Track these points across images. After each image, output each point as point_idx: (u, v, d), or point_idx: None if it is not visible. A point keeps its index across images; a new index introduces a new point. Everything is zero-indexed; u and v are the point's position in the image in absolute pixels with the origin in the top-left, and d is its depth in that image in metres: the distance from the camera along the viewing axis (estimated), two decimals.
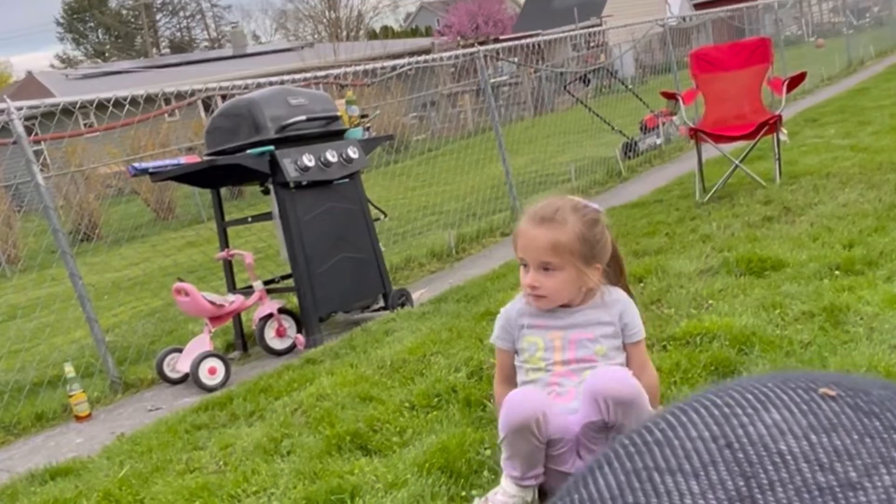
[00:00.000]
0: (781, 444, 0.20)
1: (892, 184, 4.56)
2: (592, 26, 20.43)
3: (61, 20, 54.62)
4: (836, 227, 3.96)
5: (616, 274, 2.28)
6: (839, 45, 14.47)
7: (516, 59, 8.93)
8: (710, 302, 3.34)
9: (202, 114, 15.33)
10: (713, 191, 5.32)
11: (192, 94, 5.44)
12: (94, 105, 4.65)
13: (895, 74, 11.00)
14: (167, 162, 4.44)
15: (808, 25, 18.42)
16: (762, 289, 3.34)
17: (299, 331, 4.33)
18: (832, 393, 0.22)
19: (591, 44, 15.39)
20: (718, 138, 5.47)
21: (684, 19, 12.72)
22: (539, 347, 2.21)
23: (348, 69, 6.07)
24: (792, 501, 0.19)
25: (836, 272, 3.34)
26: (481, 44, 8.80)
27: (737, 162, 5.37)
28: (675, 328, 3.10)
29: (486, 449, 2.46)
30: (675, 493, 0.20)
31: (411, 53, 9.01)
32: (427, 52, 16.49)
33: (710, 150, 5.66)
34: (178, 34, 57.01)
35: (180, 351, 4.16)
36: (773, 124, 5.25)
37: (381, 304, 4.58)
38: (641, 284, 3.75)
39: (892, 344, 2.58)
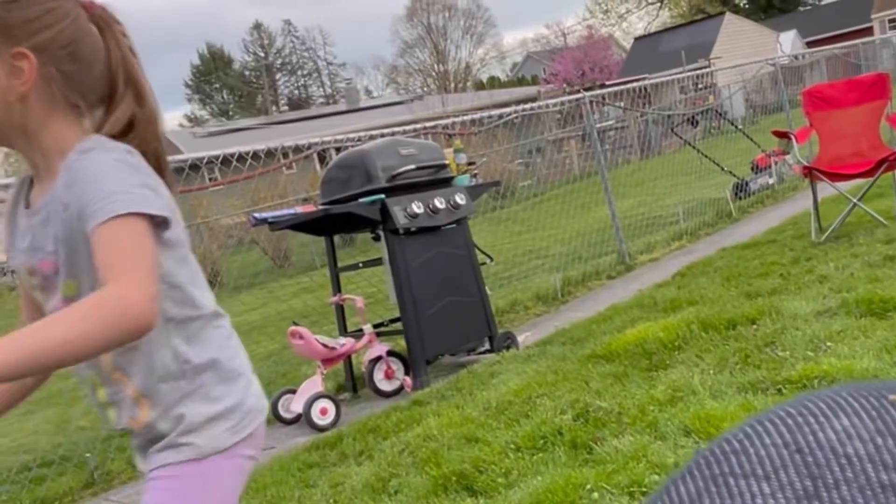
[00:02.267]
0: (849, 447, 0.22)
1: None
2: (701, 68, 20.15)
3: (189, 82, 58.15)
4: None
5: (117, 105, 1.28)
6: None
7: (622, 104, 8.92)
8: (829, 344, 3.21)
9: (317, 166, 15.94)
10: (830, 230, 5.13)
11: (309, 147, 5.70)
12: (220, 160, 4.94)
13: None
14: (285, 212, 4.65)
15: None
16: (885, 330, 3.19)
17: (407, 373, 4.41)
18: None
19: (700, 85, 15.18)
20: (835, 176, 5.29)
21: (797, 58, 12.40)
22: None
23: (456, 119, 6.22)
24: (855, 498, 0.20)
25: None
26: (587, 90, 8.84)
27: (855, 200, 5.17)
28: (790, 371, 3.00)
29: (592, 492, 2.44)
30: (747, 494, 0.21)
31: (517, 102, 9.14)
32: (533, 100, 16.61)
33: (826, 190, 5.48)
34: (296, 92, 59.63)
35: (294, 392, 4.31)
36: (894, 161, 5.04)
37: (487, 346, 4.62)
38: (755, 326, 3.65)
39: None
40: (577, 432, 2.92)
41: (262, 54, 57.77)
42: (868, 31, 31.54)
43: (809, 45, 29.70)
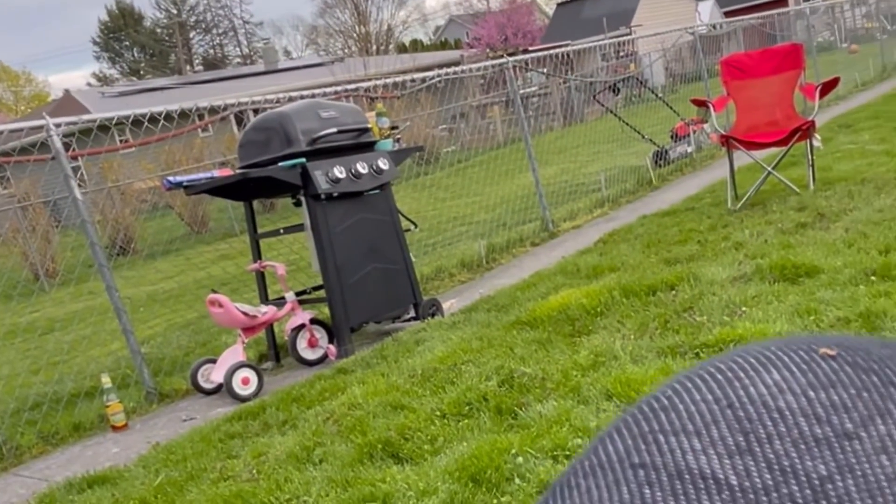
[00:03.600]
0: (780, 401, 0.21)
1: None
2: (622, 36, 20.38)
3: (97, 39, 55.71)
4: (872, 232, 3.90)
5: None
6: (873, 51, 14.28)
7: (545, 70, 8.93)
8: (744, 309, 3.31)
9: (235, 129, 15.52)
10: (745, 198, 5.27)
11: (225, 108, 5.51)
12: (130, 121, 4.73)
13: None
14: (201, 175, 4.50)
15: (841, 31, 18.21)
16: (797, 295, 3.30)
17: (331, 341, 4.36)
18: (832, 353, 0.23)
19: (621, 53, 15.36)
20: (750, 145, 5.42)
21: (714, 27, 12.64)
22: None
23: (378, 82, 6.12)
24: (788, 452, 0.20)
25: (873, 278, 3.29)
26: (510, 55, 8.82)
27: (769, 169, 5.32)
28: (707, 335, 3.07)
29: (516, 456, 2.45)
30: (677, 451, 0.21)
31: (441, 66, 9.06)
32: (456, 64, 16.51)
33: (743, 158, 5.62)
34: (212, 51, 57.84)
35: (214, 362, 4.21)
36: (806, 130, 5.20)
37: (412, 314, 4.60)
38: (673, 292, 3.73)
39: None
40: (501, 398, 2.94)
41: (175, 11, 55.71)
42: (783, 2, 32.39)
43: (727, 14, 30.33)
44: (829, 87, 5.56)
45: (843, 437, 0.20)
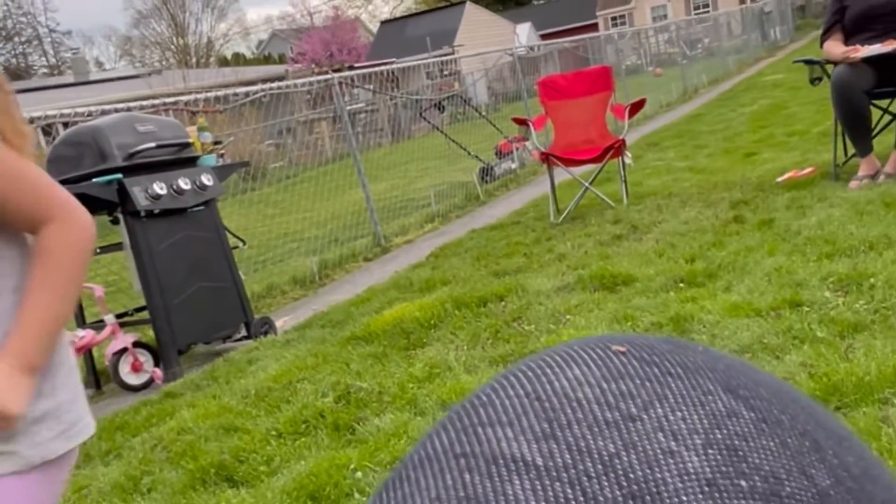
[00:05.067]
0: (579, 392, 0.25)
1: (727, 202, 4.91)
2: (445, 55, 20.89)
3: None
4: (679, 243, 4.22)
5: None
6: (675, 74, 15.44)
7: (372, 87, 9.00)
8: (568, 317, 3.48)
9: (42, 142, 14.49)
10: (566, 212, 5.54)
11: (32, 121, 5.14)
12: None
13: (726, 101, 11.86)
14: None
15: (647, 55, 19.59)
16: (615, 303, 3.51)
17: (157, 364, 4.16)
18: (623, 349, 0.27)
19: (445, 72, 15.74)
20: (568, 162, 5.72)
21: (532, 49, 13.24)
22: None
23: (199, 95, 5.93)
24: (584, 434, 0.23)
25: (681, 285, 3.55)
26: (336, 71, 8.82)
27: (587, 184, 5.63)
28: (535, 343, 3.20)
29: (355, 471, 2.45)
30: (493, 440, 0.24)
31: (264, 80, 8.91)
32: (281, 79, 16.29)
33: (562, 174, 5.91)
34: (14, 60, 53.75)
35: None
36: (618, 148, 5.54)
37: (244, 333, 4.48)
38: (503, 303, 3.86)
39: (732, 348, 2.77)
40: (339, 414, 2.92)
41: None
42: (595, 27, 34.49)
43: (543, 37, 31.86)
44: (636, 107, 5.97)
45: (629, 419, 0.24)
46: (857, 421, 2.11)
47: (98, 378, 4.31)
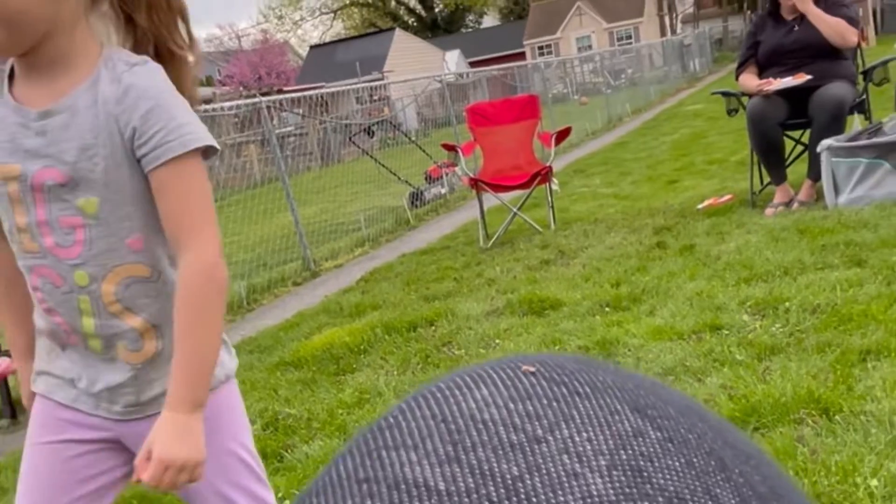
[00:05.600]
0: (486, 413, 0.24)
1: (650, 228, 5.05)
2: (374, 80, 20.96)
3: None
4: (605, 267, 4.32)
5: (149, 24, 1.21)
6: (600, 103, 15.82)
7: (301, 111, 8.97)
8: (497, 341, 3.51)
9: None
10: (495, 237, 5.61)
11: None
12: None
13: (649, 130, 12.21)
14: None
15: (573, 84, 20.04)
16: (543, 327, 3.57)
17: None
18: (532, 369, 0.26)
19: (375, 97, 15.79)
20: (497, 188, 5.80)
21: (461, 76, 13.41)
22: None
23: None
24: (489, 457, 0.23)
25: (607, 309, 3.63)
26: (264, 94, 8.77)
27: (515, 210, 5.71)
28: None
29: (283, 500, 2.42)
30: (396, 464, 0.24)
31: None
32: (208, 101, 16.08)
33: (491, 199, 5.98)
34: None
35: None
36: (545, 175, 5.65)
37: None
38: (433, 327, 3.87)
39: (656, 371, 2.85)
40: (266, 441, 2.88)
41: None
42: (522, 56, 35.11)
43: (472, 64, 32.28)
44: (562, 135, 6.11)
45: (534, 441, 0.24)
46: (774, 441, 2.19)
47: (14, 407, 4.14)
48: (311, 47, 39.26)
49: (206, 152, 1.21)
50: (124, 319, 1.23)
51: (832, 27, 4.55)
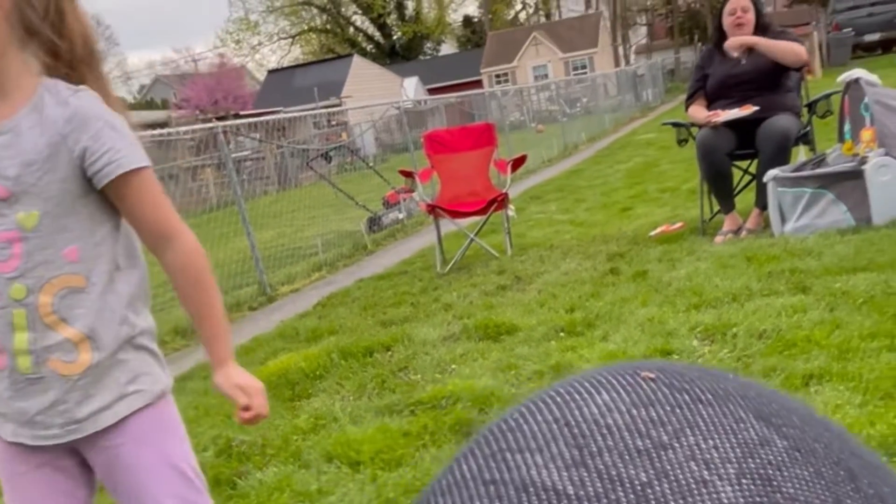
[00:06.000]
0: (609, 418, 0.25)
1: (604, 254, 5.13)
2: (332, 106, 20.99)
3: None
4: (560, 293, 4.37)
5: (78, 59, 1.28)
6: (556, 131, 16.04)
7: (258, 136, 8.96)
8: (453, 366, 3.53)
9: None
10: (452, 262, 5.65)
11: None
12: None
13: (604, 158, 12.41)
14: None
15: (529, 112, 20.30)
16: (499, 352, 3.60)
17: None
18: (652, 375, 0.27)
19: (333, 122, 15.81)
20: (454, 214, 5.85)
21: (419, 103, 13.51)
22: None
23: None
24: (616, 462, 0.23)
25: (561, 334, 3.68)
26: (220, 118, 8.75)
27: (472, 236, 5.77)
28: (421, 393, 3.24)
29: None
30: (522, 467, 0.24)
31: (146, 126, 8.72)
32: (164, 124, 15.97)
33: (448, 225, 6.03)
34: None
35: None
36: (502, 201, 5.72)
37: None
38: (389, 353, 3.88)
39: None
40: (220, 468, 2.86)
41: None
42: (479, 84, 35.47)
43: (430, 91, 32.50)
44: (518, 163, 6.19)
45: (660, 447, 0.24)
46: None
47: None
48: (269, 72, 39.18)
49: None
50: (59, 330, 1.26)
51: (784, 50, 4.72)
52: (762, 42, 4.75)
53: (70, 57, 1.27)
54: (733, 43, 4.83)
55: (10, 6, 1.19)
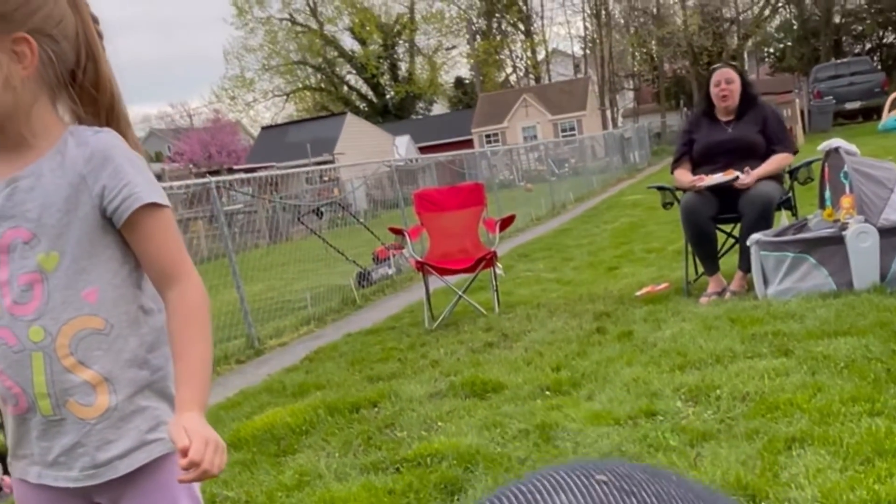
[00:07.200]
0: None
1: (591, 313, 5.18)
2: (325, 162, 21.20)
3: None
4: (546, 351, 4.41)
5: (101, 102, 1.32)
6: (544, 190, 16.21)
7: (251, 190, 9.04)
8: (440, 424, 3.54)
9: None
10: (440, 319, 5.68)
11: None
12: None
13: (591, 217, 12.54)
14: None
15: (519, 171, 20.54)
16: (485, 410, 3.61)
17: (6, 472, 3.91)
18: (604, 479, 0.29)
19: (325, 178, 15.95)
20: (443, 271, 5.91)
21: (411, 161, 13.67)
22: None
23: None
24: None
25: (547, 392, 3.70)
26: (214, 173, 8.84)
27: (460, 293, 5.82)
28: (407, 450, 3.24)
29: None
30: None
31: None
32: (158, 177, 16.01)
33: (437, 282, 6.08)
34: None
35: None
36: (490, 259, 5.79)
37: None
38: (376, 409, 3.89)
39: (594, 456, 2.91)
40: None
41: None
42: (470, 143, 35.92)
43: (422, 149, 32.88)
44: (506, 223, 6.29)
45: None
46: None
47: None
48: (263, 128, 39.56)
49: None
50: (77, 373, 1.27)
51: (776, 167, 4.97)
52: (762, 173, 4.89)
53: (100, 103, 1.31)
54: (746, 181, 4.89)
55: (39, 63, 1.23)
